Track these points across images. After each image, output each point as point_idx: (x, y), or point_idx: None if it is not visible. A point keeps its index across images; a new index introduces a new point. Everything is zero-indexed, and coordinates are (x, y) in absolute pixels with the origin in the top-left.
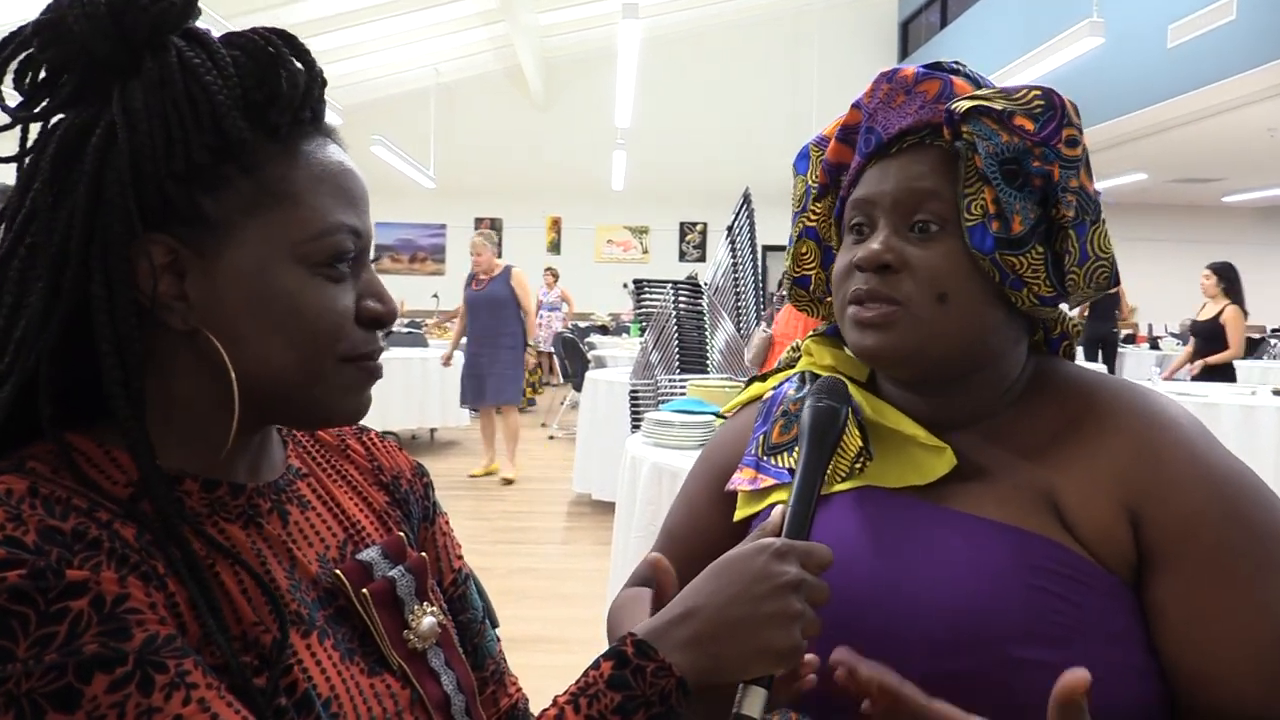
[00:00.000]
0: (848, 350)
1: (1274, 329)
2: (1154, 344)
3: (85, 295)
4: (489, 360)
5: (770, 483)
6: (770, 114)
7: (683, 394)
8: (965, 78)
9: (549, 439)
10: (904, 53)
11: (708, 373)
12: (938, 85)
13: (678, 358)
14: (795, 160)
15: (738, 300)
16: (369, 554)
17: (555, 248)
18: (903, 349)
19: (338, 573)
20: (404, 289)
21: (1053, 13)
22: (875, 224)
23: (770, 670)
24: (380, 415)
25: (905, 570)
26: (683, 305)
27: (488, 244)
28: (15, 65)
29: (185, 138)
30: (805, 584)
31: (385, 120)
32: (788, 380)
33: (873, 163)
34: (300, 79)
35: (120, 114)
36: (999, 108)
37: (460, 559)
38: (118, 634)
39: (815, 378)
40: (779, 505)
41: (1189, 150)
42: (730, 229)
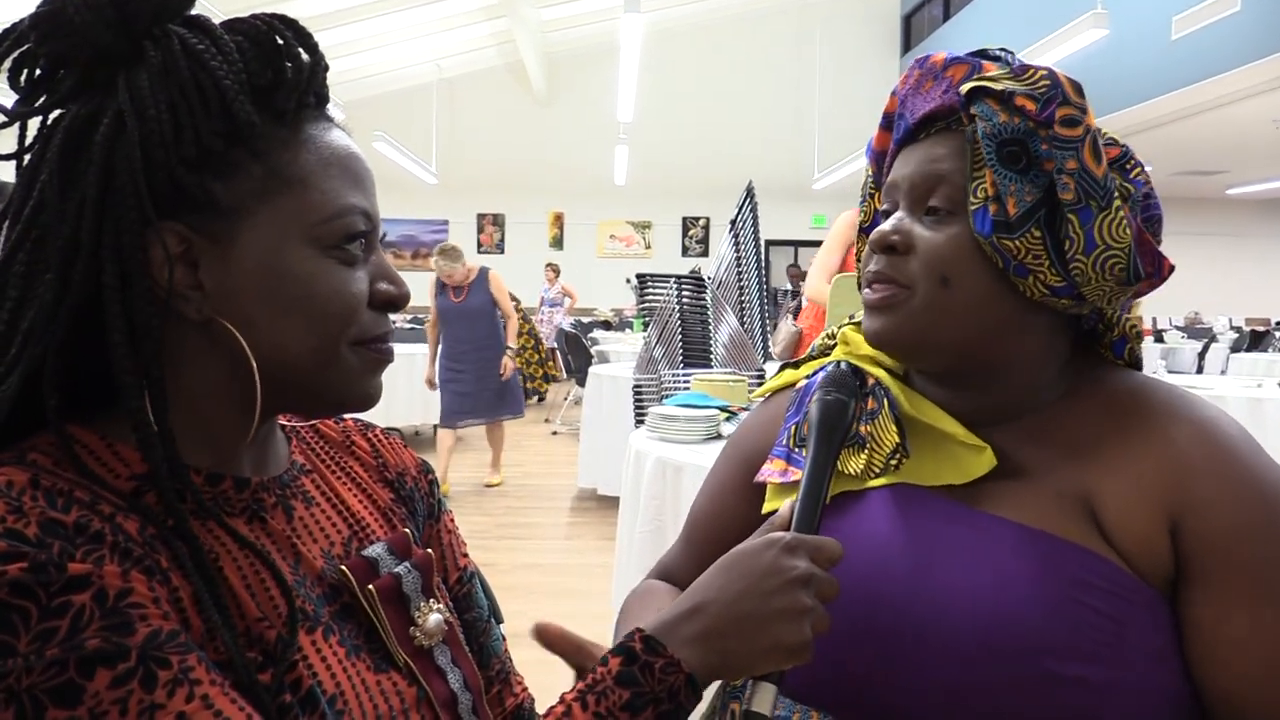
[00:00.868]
0: None
1: (1278, 322)
2: (1159, 337)
3: (96, 286)
4: (486, 373)
5: (801, 475)
6: (773, 108)
7: (686, 388)
8: (996, 61)
9: (552, 434)
10: (907, 46)
11: (711, 367)
12: (965, 69)
13: (681, 352)
14: (866, 148)
15: (741, 295)
16: (375, 550)
17: (558, 243)
18: (902, 333)
19: (343, 568)
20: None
21: (1056, 5)
22: (898, 208)
23: (779, 666)
24: (384, 411)
25: (937, 573)
26: (686, 300)
27: (445, 259)
28: (10, 62)
29: (194, 124)
30: (815, 579)
31: (387, 116)
32: (822, 369)
33: (903, 148)
34: (304, 63)
35: (127, 102)
36: (1000, 88)
37: (465, 557)
38: (120, 629)
39: (851, 368)
40: (788, 499)
41: (1193, 143)
42: (733, 223)
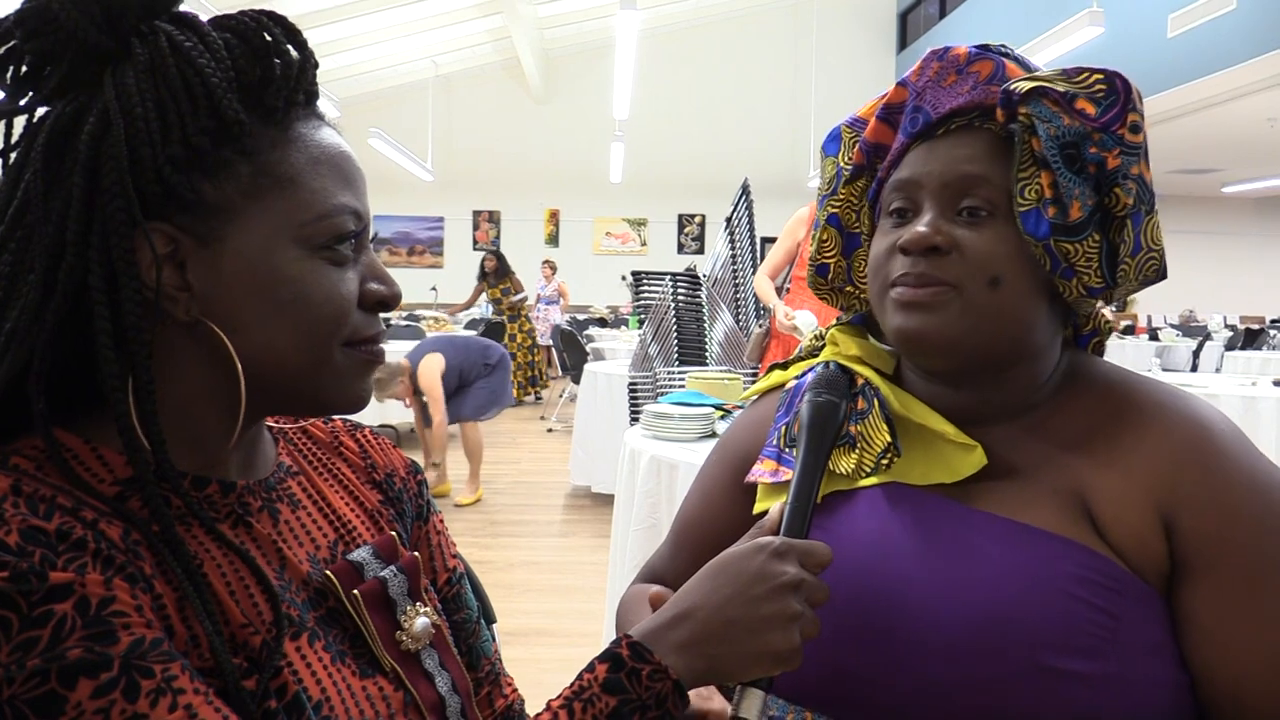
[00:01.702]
0: (874, 340)
1: (1274, 319)
2: (1153, 335)
3: (81, 287)
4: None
5: (791, 475)
6: (769, 105)
7: (682, 386)
8: (1015, 61)
9: (548, 431)
10: (903, 43)
11: (706, 365)
12: (991, 66)
13: (676, 350)
14: (825, 142)
15: (736, 292)
16: (360, 554)
17: (553, 240)
18: (949, 332)
19: (328, 573)
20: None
21: (1053, 2)
22: (919, 207)
23: (768, 672)
24: (378, 409)
25: (931, 571)
26: (681, 297)
27: (379, 390)
28: None
29: (182, 122)
30: (805, 584)
31: (383, 113)
32: (811, 370)
33: (917, 143)
34: (293, 60)
35: (114, 100)
36: (1061, 89)
37: (455, 558)
38: (103, 638)
39: (840, 368)
40: (777, 502)
41: (1189, 141)
42: (729, 220)
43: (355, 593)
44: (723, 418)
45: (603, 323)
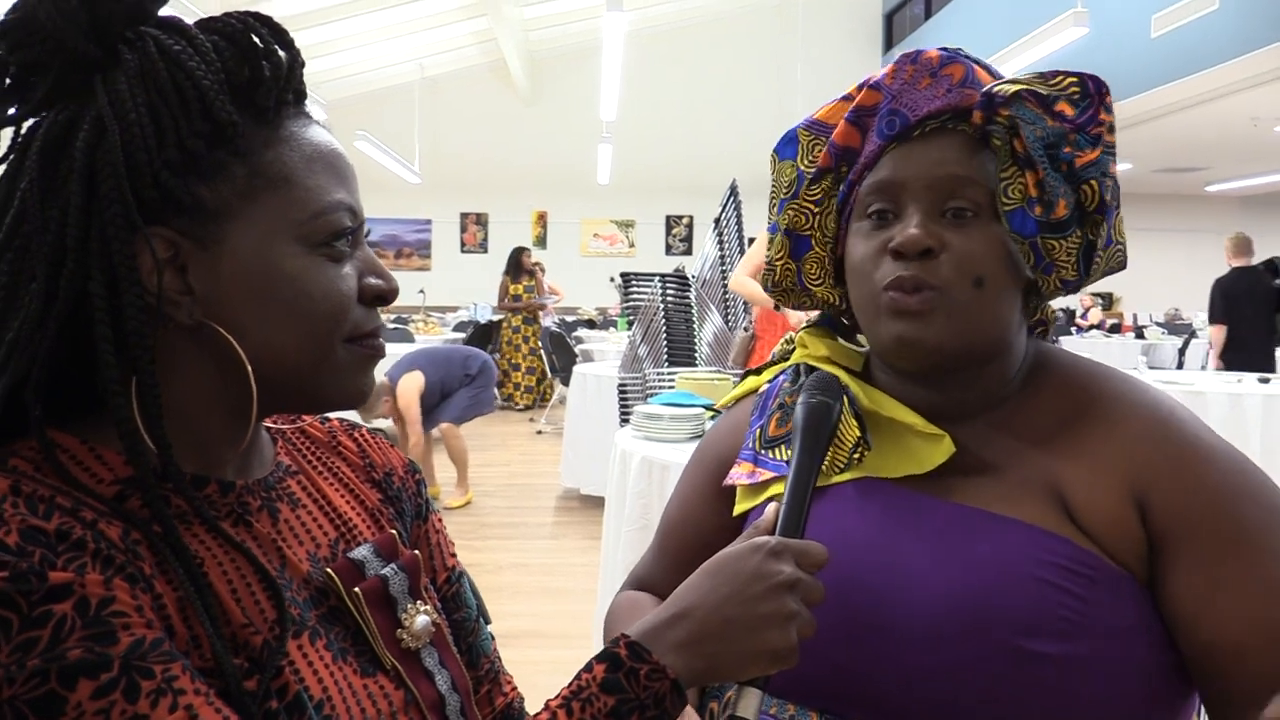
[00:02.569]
0: (841, 340)
1: None
2: (1139, 333)
3: (82, 294)
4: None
5: (769, 476)
6: (756, 106)
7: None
8: (981, 65)
9: (537, 434)
10: (889, 44)
11: (696, 365)
12: (963, 70)
13: (666, 351)
14: (778, 146)
15: (726, 293)
16: (361, 552)
17: (541, 242)
18: (939, 337)
19: (329, 571)
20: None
21: (1037, 4)
22: (902, 209)
23: (765, 671)
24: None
25: (906, 562)
26: (670, 298)
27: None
28: None
29: (176, 126)
30: (801, 583)
31: (369, 116)
32: (783, 373)
33: (893, 146)
34: (281, 60)
35: (106, 107)
36: (1043, 92)
37: (453, 557)
38: (103, 638)
39: (810, 370)
40: (772, 503)
41: (1173, 140)
42: (718, 221)
43: (356, 591)
44: (713, 418)
45: (591, 324)
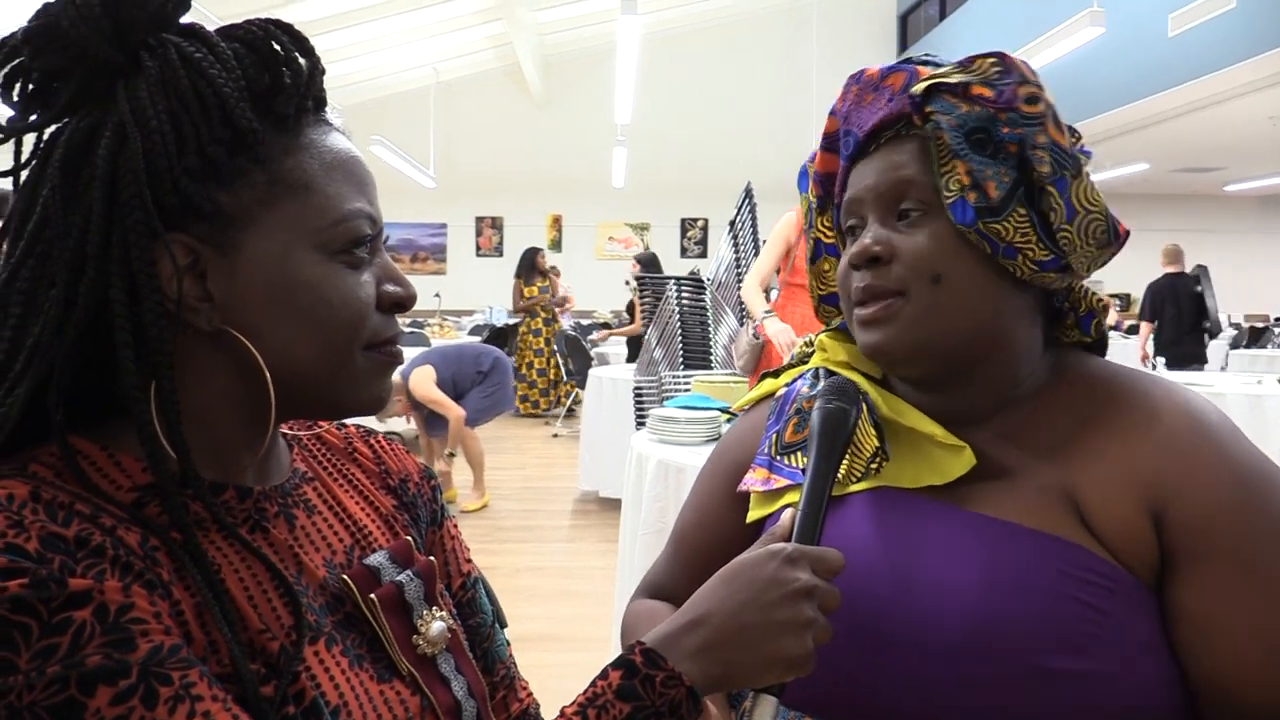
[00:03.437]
0: None
1: (1278, 318)
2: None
3: (102, 300)
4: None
5: (784, 483)
6: (770, 108)
7: (687, 390)
8: (930, 65)
9: (553, 437)
10: (903, 45)
11: (711, 368)
12: (903, 77)
13: (681, 354)
14: (797, 180)
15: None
16: (376, 558)
17: (556, 245)
18: (907, 341)
19: (345, 578)
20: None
21: (1053, 3)
22: (865, 222)
23: (781, 678)
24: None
25: (923, 573)
26: (685, 301)
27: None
28: (3, 77)
29: (197, 133)
30: (817, 590)
31: (385, 120)
32: (800, 377)
33: (855, 164)
34: (301, 67)
35: (128, 114)
36: (955, 81)
37: (469, 562)
38: (122, 645)
39: (829, 374)
40: (789, 509)
41: (1190, 140)
42: (732, 224)
43: (372, 597)
44: (729, 421)
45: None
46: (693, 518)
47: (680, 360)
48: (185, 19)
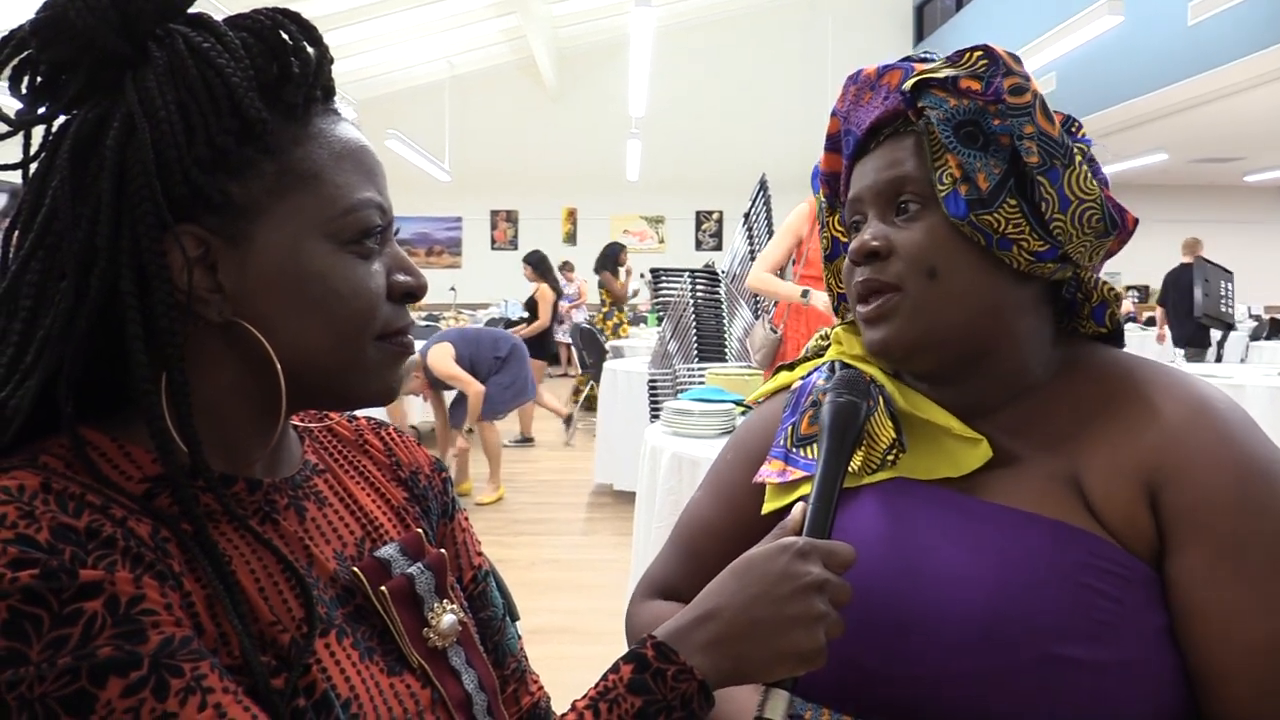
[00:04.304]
0: None
1: None
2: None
3: (112, 292)
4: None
5: (799, 475)
6: (785, 100)
7: (701, 383)
8: (926, 62)
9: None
10: (919, 36)
11: (726, 361)
12: (899, 74)
13: (696, 347)
14: (812, 178)
15: None
16: (387, 551)
17: (571, 239)
18: (907, 335)
19: (356, 570)
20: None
21: None
22: (868, 218)
23: (793, 672)
24: (398, 409)
25: (938, 564)
26: (700, 294)
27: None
28: (10, 69)
29: (205, 123)
30: (828, 584)
31: (399, 114)
32: (817, 370)
33: (856, 163)
34: (310, 56)
35: (136, 104)
36: (942, 75)
37: (480, 555)
38: (133, 636)
39: (845, 367)
40: (799, 503)
41: (1210, 130)
42: (747, 216)
43: (383, 589)
44: (743, 414)
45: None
46: (706, 509)
47: (695, 353)
48: (192, 9)
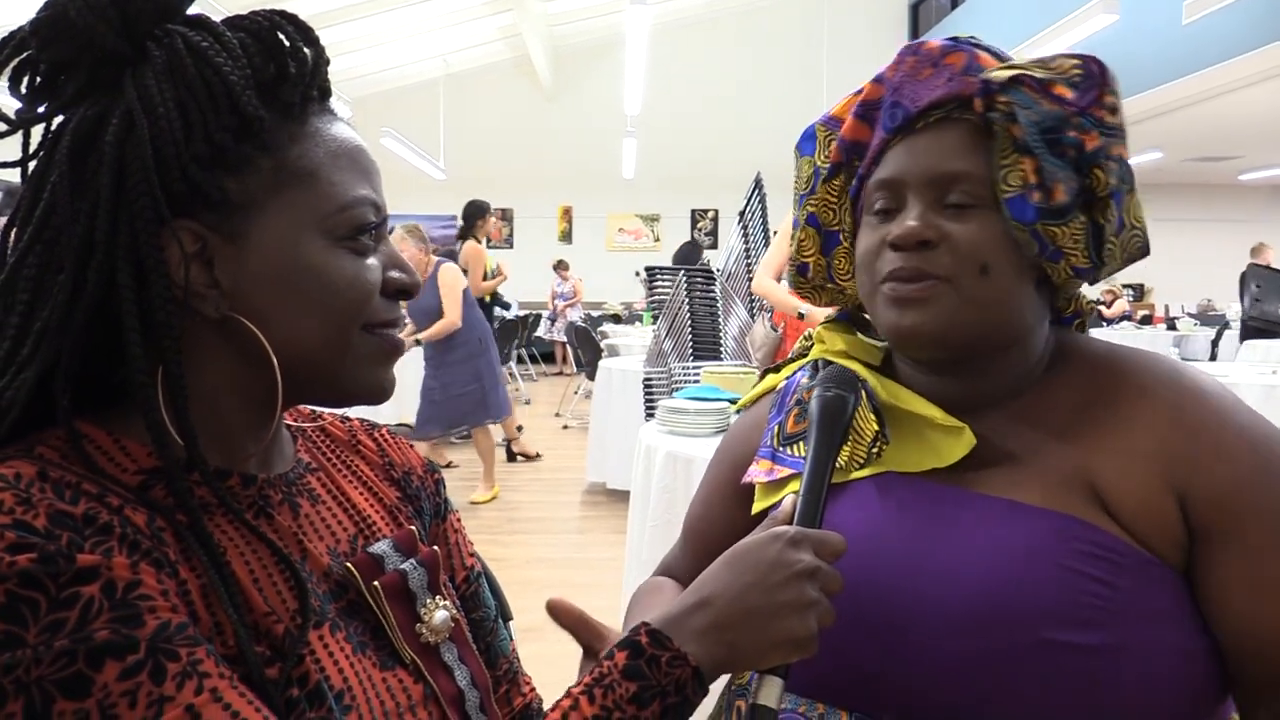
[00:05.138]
0: (860, 335)
1: None
2: (1171, 325)
3: (109, 287)
4: (439, 382)
5: (787, 473)
6: (780, 98)
7: (696, 381)
8: (987, 51)
9: (563, 428)
10: (914, 34)
11: (721, 359)
12: (964, 57)
13: (691, 345)
14: (799, 142)
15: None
16: (380, 547)
17: (567, 237)
18: (943, 324)
19: (349, 565)
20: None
21: None
22: (904, 203)
23: (786, 659)
24: (396, 407)
25: (929, 553)
26: (695, 293)
27: (408, 237)
28: (11, 69)
29: (204, 120)
30: (820, 572)
31: (395, 112)
32: (801, 370)
33: (897, 139)
34: (306, 56)
35: (135, 102)
36: (1039, 76)
37: (472, 556)
38: (129, 621)
39: (828, 364)
40: (790, 494)
41: (1205, 128)
42: (742, 215)
43: (376, 584)
44: (738, 412)
45: (617, 319)
46: (699, 511)
47: (690, 351)
48: (191, 10)
